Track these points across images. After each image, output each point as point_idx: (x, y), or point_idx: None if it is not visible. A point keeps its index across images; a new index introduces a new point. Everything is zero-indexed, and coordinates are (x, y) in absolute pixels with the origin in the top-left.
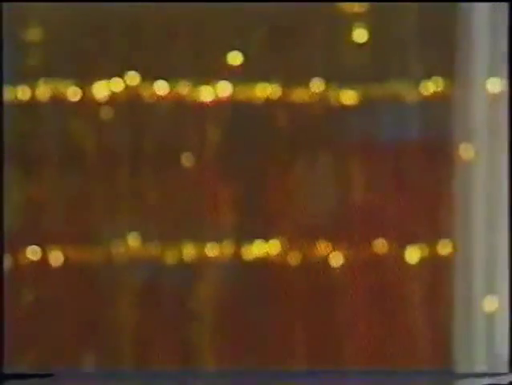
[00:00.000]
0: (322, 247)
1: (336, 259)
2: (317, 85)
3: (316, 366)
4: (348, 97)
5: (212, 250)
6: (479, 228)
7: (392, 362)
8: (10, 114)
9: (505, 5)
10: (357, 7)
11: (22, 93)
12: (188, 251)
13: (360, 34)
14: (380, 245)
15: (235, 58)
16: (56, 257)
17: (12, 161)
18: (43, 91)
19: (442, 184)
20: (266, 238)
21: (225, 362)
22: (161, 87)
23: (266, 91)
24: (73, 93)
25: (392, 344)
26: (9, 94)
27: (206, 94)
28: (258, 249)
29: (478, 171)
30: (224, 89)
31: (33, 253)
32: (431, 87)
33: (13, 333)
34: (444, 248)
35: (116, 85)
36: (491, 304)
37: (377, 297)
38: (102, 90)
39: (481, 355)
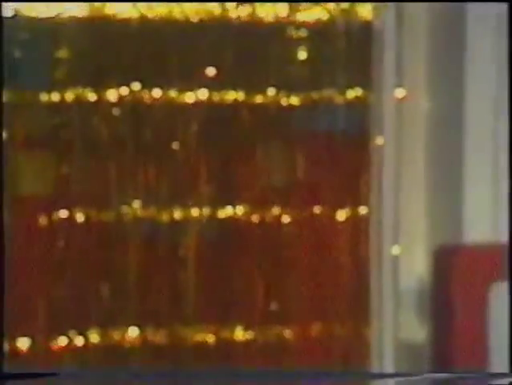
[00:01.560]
0: (275, 210)
1: (286, 219)
2: (271, 91)
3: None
4: (294, 100)
5: (195, 212)
6: (388, 197)
7: (324, 288)
8: (45, 112)
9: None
10: (302, 33)
11: (54, 97)
12: (178, 213)
13: (303, 54)
14: (318, 209)
15: (211, 71)
16: (79, 217)
17: (47, 147)
18: (69, 95)
19: (362, 164)
20: (234, 204)
21: (204, 293)
22: (157, 93)
23: (233, 95)
24: (91, 97)
25: (325, 276)
26: (44, 97)
27: (190, 97)
28: (228, 212)
29: (388, 155)
30: (203, 94)
31: (63, 213)
32: (354, 93)
33: (47, 270)
34: (363, 210)
35: (124, 91)
36: (396, 250)
37: (316, 245)
38: (113, 94)
39: (389, 286)
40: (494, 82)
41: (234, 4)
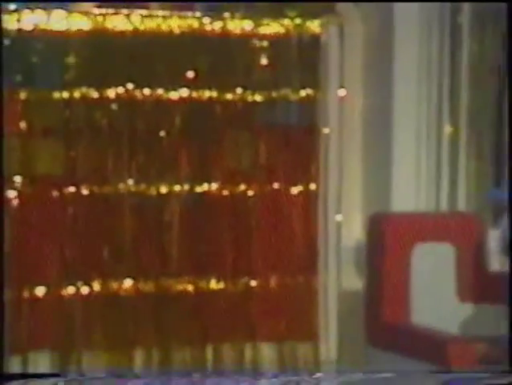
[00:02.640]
0: (242, 186)
1: (251, 193)
2: (239, 90)
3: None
4: (258, 98)
5: (177, 188)
6: (332, 175)
7: (281, 248)
8: (57, 107)
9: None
10: (264, 43)
11: (64, 95)
12: (163, 188)
13: (264, 60)
14: (276, 185)
15: (191, 74)
16: (85, 191)
17: (59, 136)
18: (77, 93)
19: (312, 150)
20: (209, 181)
21: (185, 252)
22: (147, 91)
23: (208, 93)
24: (94, 95)
25: (282, 238)
26: (57, 95)
27: (174, 95)
28: (204, 187)
29: (332, 142)
30: (184, 92)
31: (72, 188)
32: (305, 92)
33: (59, 233)
34: (312, 186)
35: (120, 90)
36: (339, 217)
37: (275, 213)
38: (112, 93)
39: (333, 246)
40: (416, 81)
41: (209, 20)
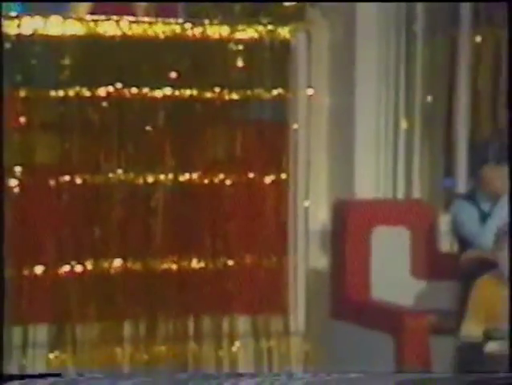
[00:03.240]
0: (221, 176)
1: (228, 182)
2: (217, 89)
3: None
4: (234, 96)
5: (162, 177)
6: (301, 166)
7: (255, 231)
8: (53, 104)
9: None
10: (240, 47)
11: (59, 93)
12: (149, 177)
13: (240, 62)
14: (251, 175)
15: (173, 74)
16: (78, 180)
17: (54, 130)
18: (71, 92)
19: (282, 143)
20: (191, 171)
21: (169, 234)
22: (134, 90)
23: (189, 92)
24: (87, 93)
25: (256, 222)
26: (52, 93)
27: (158, 93)
28: (186, 177)
29: (301, 136)
30: (168, 91)
31: (66, 178)
32: (276, 91)
33: (55, 217)
34: (283, 176)
35: (110, 89)
36: (307, 203)
37: (249, 200)
38: (102, 91)
39: (301, 229)
40: (376, 82)
41: (190, 26)
